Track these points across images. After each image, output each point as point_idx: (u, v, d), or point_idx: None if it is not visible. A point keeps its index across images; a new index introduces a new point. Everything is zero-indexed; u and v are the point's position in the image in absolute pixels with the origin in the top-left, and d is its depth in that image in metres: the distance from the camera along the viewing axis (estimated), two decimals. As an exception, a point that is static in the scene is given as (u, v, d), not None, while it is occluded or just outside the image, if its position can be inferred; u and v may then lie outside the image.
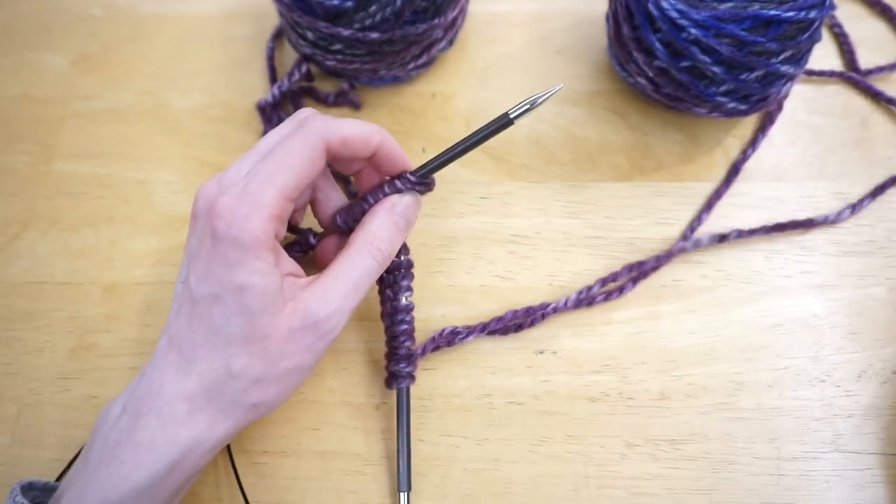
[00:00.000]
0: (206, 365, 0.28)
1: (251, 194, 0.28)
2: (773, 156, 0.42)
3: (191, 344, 0.28)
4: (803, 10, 0.34)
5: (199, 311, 0.28)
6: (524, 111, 0.30)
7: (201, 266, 0.28)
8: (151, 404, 0.28)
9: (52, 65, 0.47)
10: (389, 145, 0.32)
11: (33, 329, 0.38)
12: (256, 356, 0.28)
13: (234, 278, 0.27)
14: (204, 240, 0.28)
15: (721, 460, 0.34)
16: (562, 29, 0.46)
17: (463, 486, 0.34)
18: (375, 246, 0.31)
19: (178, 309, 0.29)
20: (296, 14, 0.38)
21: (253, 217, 0.27)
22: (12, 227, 0.41)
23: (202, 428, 0.28)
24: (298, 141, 0.29)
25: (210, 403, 0.28)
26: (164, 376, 0.28)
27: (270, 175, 0.28)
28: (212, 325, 0.28)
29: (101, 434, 0.28)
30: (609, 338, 0.37)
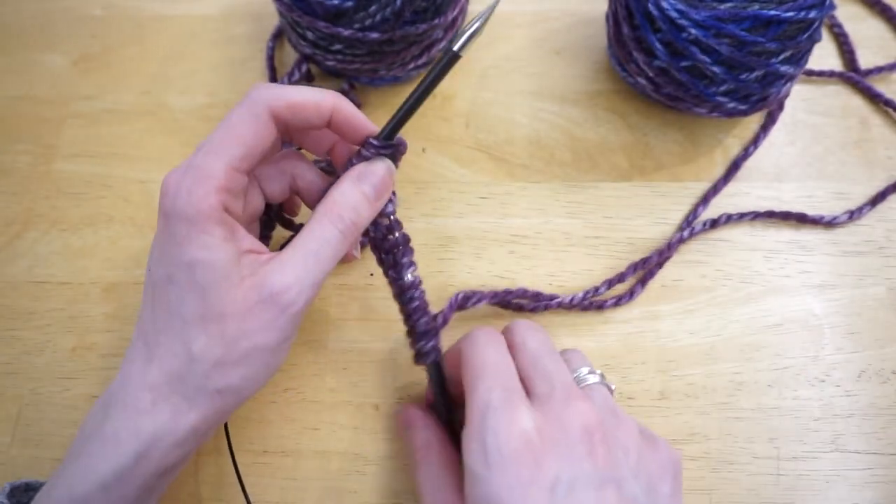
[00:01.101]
0: (167, 350, 0.27)
1: (194, 167, 0.27)
2: (773, 155, 0.42)
3: (154, 330, 0.28)
4: (803, 10, 0.34)
5: (158, 295, 0.27)
6: (467, 40, 0.29)
7: (156, 248, 0.28)
8: (118, 396, 0.27)
9: (53, 65, 0.47)
10: (346, 110, 0.30)
11: (34, 329, 0.38)
12: (214, 336, 0.27)
13: (184, 255, 0.26)
14: (159, 223, 0.28)
15: (721, 460, 0.34)
16: (562, 29, 0.46)
17: (463, 486, 0.34)
18: (336, 213, 0.29)
19: (144, 299, 0.29)
20: (296, 14, 0.38)
21: (196, 190, 0.26)
22: (12, 227, 0.41)
23: (166, 418, 0.27)
24: (242, 110, 0.28)
25: (173, 391, 0.27)
26: (132, 367, 0.28)
27: (213, 147, 0.27)
28: (169, 308, 0.27)
29: (84, 431, 0.28)
30: (609, 338, 0.37)
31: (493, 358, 0.29)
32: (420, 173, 0.42)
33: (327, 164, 0.36)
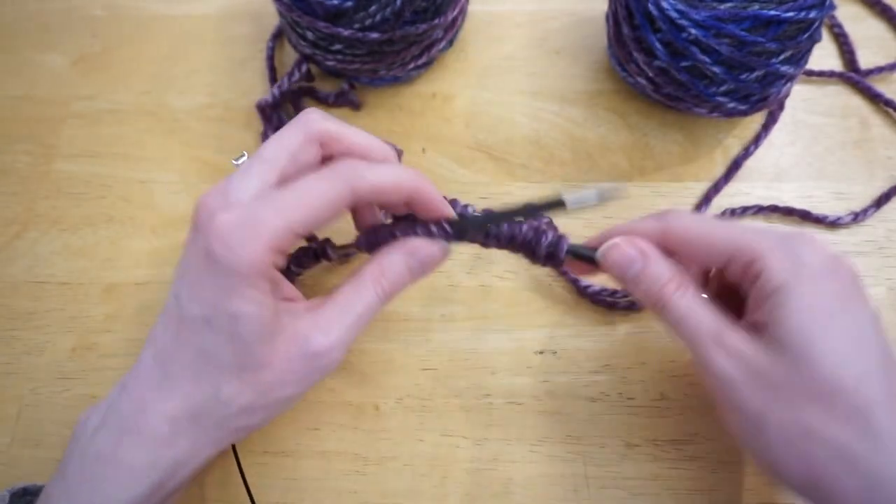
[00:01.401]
0: (194, 388, 0.27)
1: (256, 220, 0.25)
2: (773, 155, 0.42)
3: (178, 364, 0.27)
4: (803, 11, 0.34)
5: (189, 332, 0.27)
6: (579, 203, 0.29)
7: (194, 284, 0.26)
8: (134, 422, 0.27)
9: (53, 65, 0.47)
10: (426, 193, 0.29)
11: (33, 329, 0.38)
12: (248, 384, 0.27)
13: (228, 305, 0.26)
14: (199, 256, 0.26)
15: (721, 460, 0.34)
16: (562, 29, 0.46)
17: (463, 486, 0.34)
18: (381, 285, 0.29)
19: (166, 323, 0.28)
20: (296, 14, 0.38)
21: (252, 245, 0.25)
22: (12, 227, 0.41)
23: (185, 450, 0.27)
24: (324, 182, 0.27)
25: (194, 426, 0.27)
26: (148, 394, 0.27)
27: (284, 207, 0.26)
28: (202, 350, 0.27)
29: (80, 447, 0.28)
30: (609, 338, 0.37)
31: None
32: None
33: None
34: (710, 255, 0.28)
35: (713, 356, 0.26)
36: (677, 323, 0.28)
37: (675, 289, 0.28)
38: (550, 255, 0.31)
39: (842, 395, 0.24)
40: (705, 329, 0.27)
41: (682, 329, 0.27)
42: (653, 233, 0.29)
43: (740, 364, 0.26)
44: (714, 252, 0.28)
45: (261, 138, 0.43)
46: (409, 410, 0.36)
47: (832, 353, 0.25)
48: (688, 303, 0.28)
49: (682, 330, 0.27)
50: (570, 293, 0.38)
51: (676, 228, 0.29)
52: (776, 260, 0.26)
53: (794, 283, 0.26)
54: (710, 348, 0.26)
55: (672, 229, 0.29)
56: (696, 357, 0.27)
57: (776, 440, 0.25)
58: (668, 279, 0.28)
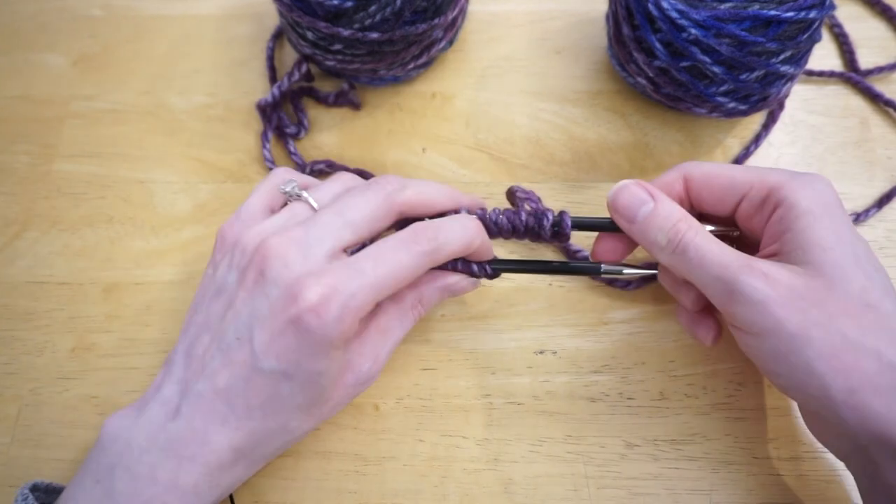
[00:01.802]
0: (262, 425, 0.29)
1: (349, 296, 0.27)
2: (773, 156, 0.42)
3: (246, 405, 0.28)
4: (803, 10, 0.34)
5: (262, 381, 0.28)
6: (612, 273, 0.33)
7: (273, 342, 0.27)
8: (196, 451, 0.28)
9: (52, 65, 0.47)
10: (484, 246, 0.32)
11: (33, 329, 0.38)
12: (313, 416, 0.30)
13: (315, 366, 0.28)
14: (280, 317, 0.27)
15: (721, 460, 0.34)
16: (562, 29, 0.46)
17: (463, 486, 0.34)
18: (418, 311, 0.33)
19: (229, 362, 0.28)
20: (296, 14, 0.38)
21: (346, 320, 0.27)
22: (12, 227, 0.41)
23: (242, 473, 0.30)
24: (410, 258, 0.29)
25: (255, 451, 0.29)
26: (212, 427, 0.28)
27: (375, 285, 0.28)
28: (275, 396, 0.28)
29: (124, 463, 0.28)
30: (609, 338, 0.37)
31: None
32: (420, 173, 0.42)
33: None
34: (731, 189, 0.30)
35: (748, 281, 0.27)
36: (700, 258, 0.28)
37: (689, 227, 0.29)
38: (556, 233, 0.32)
39: (871, 308, 0.26)
40: (732, 259, 0.27)
41: (707, 263, 0.28)
42: (673, 181, 0.31)
43: (777, 286, 0.27)
44: (734, 186, 0.29)
45: (261, 138, 0.43)
46: (409, 410, 0.36)
47: (860, 273, 0.27)
48: (704, 238, 0.28)
49: (707, 264, 0.28)
50: (571, 293, 0.38)
51: (694, 171, 0.31)
52: (798, 188, 0.28)
53: (820, 211, 0.27)
54: (743, 274, 0.27)
55: (691, 173, 0.31)
56: (723, 289, 0.28)
57: (819, 354, 0.26)
58: (680, 217, 0.29)
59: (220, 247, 0.32)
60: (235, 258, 0.30)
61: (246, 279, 0.29)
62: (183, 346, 0.30)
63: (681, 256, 0.28)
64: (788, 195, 0.28)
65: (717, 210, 0.31)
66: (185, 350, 0.30)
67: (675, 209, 0.29)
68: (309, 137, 0.43)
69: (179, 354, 0.30)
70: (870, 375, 0.25)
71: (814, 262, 0.27)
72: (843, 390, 0.25)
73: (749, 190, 0.29)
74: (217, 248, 0.32)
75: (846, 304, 0.26)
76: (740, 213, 0.30)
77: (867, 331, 0.26)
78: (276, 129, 0.43)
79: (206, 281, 0.32)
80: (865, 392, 0.25)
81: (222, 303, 0.30)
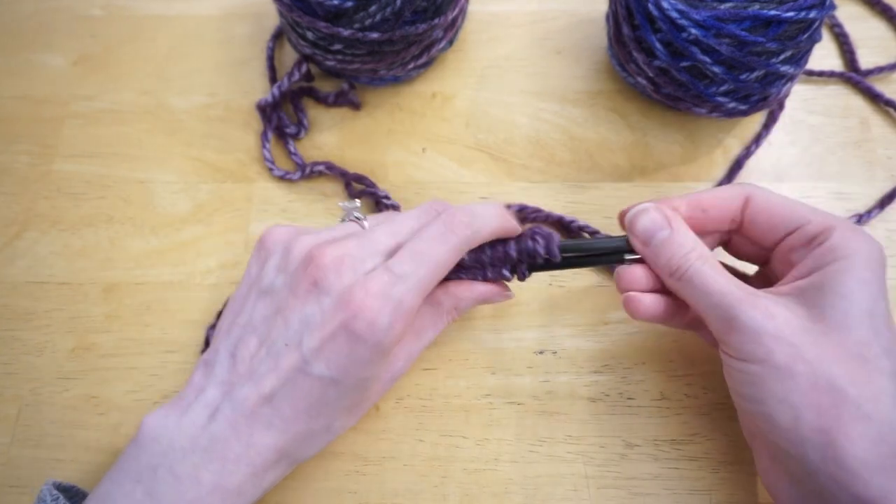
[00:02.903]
0: (306, 427, 0.29)
1: (399, 302, 0.28)
2: (773, 156, 0.42)
3: (292, 408, 0.28)
4: (803, 10, 0.34)
5: (310, 386, 0.28)
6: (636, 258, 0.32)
7: (325, 349, 0.28)
8: (241, 453, 0.28)
9: (52, 65, 0.47)
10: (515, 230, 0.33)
11: (33, 329, 0.38)
12: (354, 415, 0.32)
13: (364, 373, 0.29)
14: (332, 323, 0.28)
15: (721, 460, 0.34)
16: (562, 29, 0.46)
17: (463, 486, 0.34)
18: (452, 315, 0.34)
19: (276, 367, 0.28)
20: (296, 14, 0.38)
21: (397, 326, 0.28)
22: (12, 227, 0.41)
23: (283, 471, 0.30)
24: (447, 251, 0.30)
25: (298, 451, 0.30)
26: (257, 432, 0.28)
27: (420, 286, 0.29)
28: (322, 400, 0.29)
29: (166, 465, 0.28)
30: (609, 338, 0.37)
31: None
32: (420, 173, 0.42)
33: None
34: (789, 219, 0.30)
35: (746, 311, 0.27)
36: (704, 286, 0.29)
37: (698, 257, 0.29)
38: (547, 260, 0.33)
39: (866, 362, 0.26)
40: (734, 289, 0.28)
41: (710, 291, 0.28)
42: (733, 197, 0.31)
43: (774, 320, 0.27)
44: (793, 217, 0.30)
45: (261, 138, 0.43)
46: (409, 410, 0.36)
47: (865, 327, 0.27)
48: (712, 268, 0.29)
49: (710, 292, 0.28)
50: (571, 293, 0.38)
51: (758, 195, 0.31)
52: (851, 236, 0.28)
53: (858, 263, 0.28)
54: (743, 304, 0.27)
55: (754, 195, 0.31)
56: (722, 317, 0.28)
57: (799, 387, 0.26)
58: (692, 247, 0.30)
59: (265, 248, 0.32)
60: (285, 262, 0.30)
61: (298, 287, 0.29)
62: (226, 346, 0.30)
63: (687, 283, 0.29)
64: (837, 238, 0.28)
65: (764, 237, 0.31)
66: (230, 351, 0.30)
67: (689, 239, 0.30)
68: (309, 137, 0.43)
69: (222, 355, 0.30)
70: (844, 421, 0.25)
71: (824, 305, 0.27)
72: (814, 428, 0.25)
73: (806, 224, 0.30)
74: (261, 248, 0.32)
75: (840, 351, 0.26)
76: (785, 244, 0.30)
77: (854, 381, 0.26)
78: (276, 129, 0.43)
79: (249, 280, 0.32)
80: (837, 434, 0.25)
81: (269, 306, 0.30)
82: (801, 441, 0.26)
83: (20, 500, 0.34)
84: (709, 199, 0.31)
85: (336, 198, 0.41)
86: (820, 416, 0.25)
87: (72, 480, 0.32)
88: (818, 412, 0.26)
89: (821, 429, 0.25)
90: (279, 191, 0.41)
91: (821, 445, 0.25)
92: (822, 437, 0.25)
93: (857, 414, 0.25)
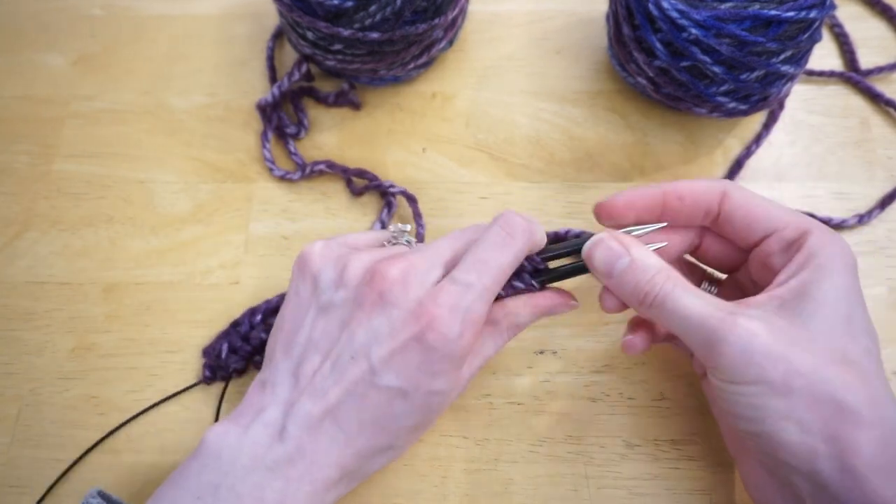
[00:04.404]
0: (370, 442, 0.29)
1: (467, 311, 0.28)
2: (773, 156, 0.42)
3: (357, 421, 0.28)
4: (803, 10, 0.34)
5: (377, 397, 0.28)
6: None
7: (394, 360, 0.28)
8: (304, 471, 0.27)
9: (52, 65, 0.47)
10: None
11: (33, 329, 0.38)
12: (417, 434, 0.31)
13: (433, 385, 0.28)
14: (402, 334, 0.28)
15: (721, 460, 0.34)
16: (562, 29, 0.46)
17: (463, 486, 0.34)
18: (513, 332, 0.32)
19: (342, 380, 0.28)
20: (296, 14, 0.38)
21: (467, 335, 0.28)
22: (12, 227, 0.41)
23: (344, 490, 0.30)
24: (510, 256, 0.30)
25: (360, 469, 0.29)
26: (319, 446, 0.28)
27: (486, 294, 0.29)
28: (389, 413, 0.28)
29: (228, 484, 0.27)
30: (609, 338, 0.37)
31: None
32: (420, 173, 0.42)
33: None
34: (766, 221, 0.30)
35: (730, 333, 0.26)
36: (679, 310, 0.27)
37: (666, 278, 0.28)
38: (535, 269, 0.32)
39: (853, 364, 0.26)
40: (712, 310, 0.27)
41: (687, 315, 0.27)
42: (709, 190, 0.31)
43: (760, 337, 0.26)
44: (771, 219, 0.30)
45: (261, 138, 0.43)
46: (409, 410, 0.36)
47: (844, 334, 0.27)
48: (683, 290, 0.28)
49: (687, 315, 0.27)
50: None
51: (735, 192, 0.30)
52: (827, 241, 0.28)
53: (834, 268, 0.28)
54: (725, 325, 0.26)
55: (731, 192, 0.30)
56: (704, 341, 0.27)
57: (802, 404, 0.25)
58: (657, 269, 0.28)
59: (310, 266, 0.31)
60: (343, 278, 0.29)
61: (364, 301, 0.29)
62: (286, 366, 0.29)
63: (658, 309, 0.28)
64: (814, 244, 0.28)
65: (740, 237, 0.31)
66: (292, 371, 0.29)
67: (652, 262, 0.29)
68: (309, 137, 0.43)
69: (284, 374, 0.29)
70: (849, 429, 0.25)
71: (804, 314, 0.27)
72: (824, 439, 0.25)
73: (784, 228, 0.29)
74: (304, 267, 0.31)
75: (829, 359, 0.26)
76: (763, 247, 0.30)
77: (850, 388, 0.25)
78: (276, 129, 0.43)
79: (303, 299, 0.31)
80: (845, 443, 0.25)
81: (332, 322, 0.29)
82: (813, 454, 0.25)
83: (20, 500, 0.34)
84: (685, 189, 0.31)
85: (336, 197, 0.41)
86: (827, 427, 0.25)
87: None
88: (824, 423, 0.25)
89: (829, 439, 0.25)
90: (279, 191, 0.41)
91: (832, 456, 0.25)
92: (833, 447, 0.25)
93: (859, 421, 0.25)
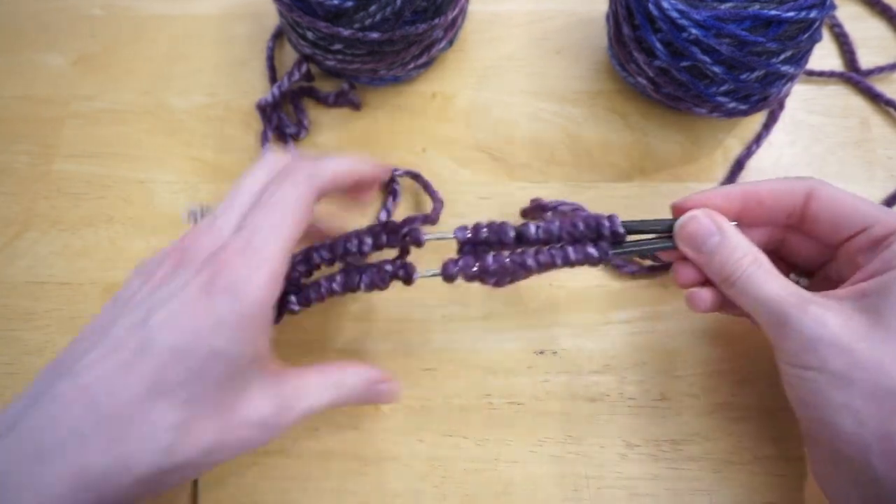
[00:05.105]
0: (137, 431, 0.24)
1: (255, 249, 0.25)
2: (773, 156, 0.42)
3: (123, 401, 0.23)
4: (803, 10, 0.34)
5: (149, 363, 0.24)
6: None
7: (174, 313, 0.24)
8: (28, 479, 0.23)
9: (52, 65, 0.47)
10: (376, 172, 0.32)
11: (33, 329, 0.38)
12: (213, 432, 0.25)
13: (214, 341, 0.24)
14: (188, 288, 0.25)
15: (721, 460, 0.34)
16: (562, 29, 0.46)
17: (463, 486, 0.34)
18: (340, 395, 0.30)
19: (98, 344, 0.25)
20: (296, 14, 0.38)
21: (256, 277, 0.25)
22: (12, 227, 0.41)
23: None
24: (294, 189, 0.27)
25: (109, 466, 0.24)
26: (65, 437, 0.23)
27: (274, 229, 0.26)
28: (161, 383, 0.24)
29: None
30: (609, 338, 0.37)
31: None
32: (421, 173, 0.42)
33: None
34: (854, 219, 0.29)
35: (800, 318, 0.27)
36: (758, 291, 0.28)
37: (752, 261, 0.29)
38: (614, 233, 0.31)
39: None
40: (788, 294, 0.28)
41: (764, 296, 0.28)
42: (793, 190, 0.30)
43: (829, 326, 0.26)
44: (859, 216, 0.29)
45: (261, 138, 0.43)
46: (409, 410, 0.36)
47: None
48: (766, 272, 0.28)
49: (764, 297, 0.28)
50: (571, 293, 0.38)
51: (822, 191, 0.30)
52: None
53: None
54: (797, 310, 0.27)
55: (818, 191, 0.30)
56: (776, 323, 0.28)
57: (861, 394, 0.25)
58: (745, 252, 0.29)
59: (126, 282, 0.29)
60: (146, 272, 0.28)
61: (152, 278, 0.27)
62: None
63: (739, 290, 0.29)
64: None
65: (828, 235, 0.31)
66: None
67: (741, 244, 0.29)
68: (309, 137, 0.43)
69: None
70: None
71: (884, 311, 0.26)
72: (877, 435, 0.25)
73: (874, 224, 0.29)
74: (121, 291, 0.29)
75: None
76: (851, 244, 0.30)
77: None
78: (276, 129, 0.43)
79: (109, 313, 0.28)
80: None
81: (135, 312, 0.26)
82: (865, 447, 0.25)
83: (20, 500, 0.34)
84: (766, 191, 0.31)
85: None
86: (882, 424, 0.25)
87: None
88: (880, 420, 0.25)
89: (883, 436, 0.25)
90: (279, 191, 0.41)
91: (884, 453, 0.25)
92: (886, 444, 0.25)
93: None
